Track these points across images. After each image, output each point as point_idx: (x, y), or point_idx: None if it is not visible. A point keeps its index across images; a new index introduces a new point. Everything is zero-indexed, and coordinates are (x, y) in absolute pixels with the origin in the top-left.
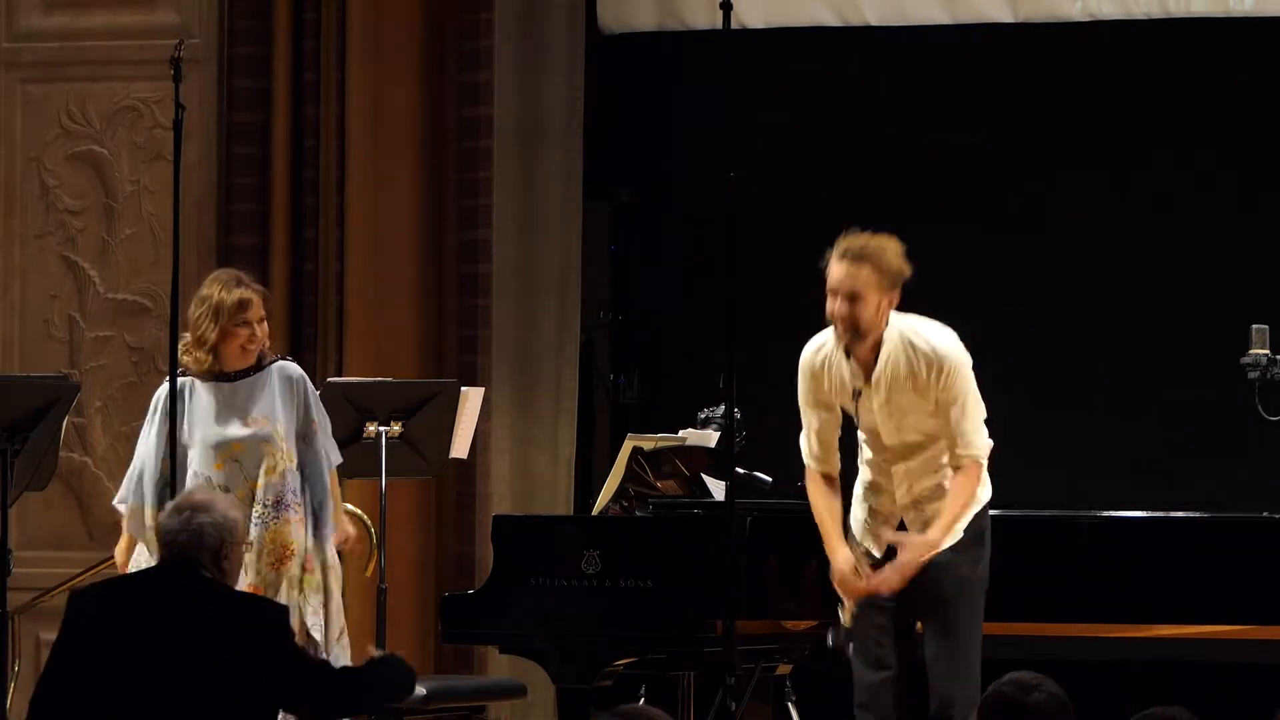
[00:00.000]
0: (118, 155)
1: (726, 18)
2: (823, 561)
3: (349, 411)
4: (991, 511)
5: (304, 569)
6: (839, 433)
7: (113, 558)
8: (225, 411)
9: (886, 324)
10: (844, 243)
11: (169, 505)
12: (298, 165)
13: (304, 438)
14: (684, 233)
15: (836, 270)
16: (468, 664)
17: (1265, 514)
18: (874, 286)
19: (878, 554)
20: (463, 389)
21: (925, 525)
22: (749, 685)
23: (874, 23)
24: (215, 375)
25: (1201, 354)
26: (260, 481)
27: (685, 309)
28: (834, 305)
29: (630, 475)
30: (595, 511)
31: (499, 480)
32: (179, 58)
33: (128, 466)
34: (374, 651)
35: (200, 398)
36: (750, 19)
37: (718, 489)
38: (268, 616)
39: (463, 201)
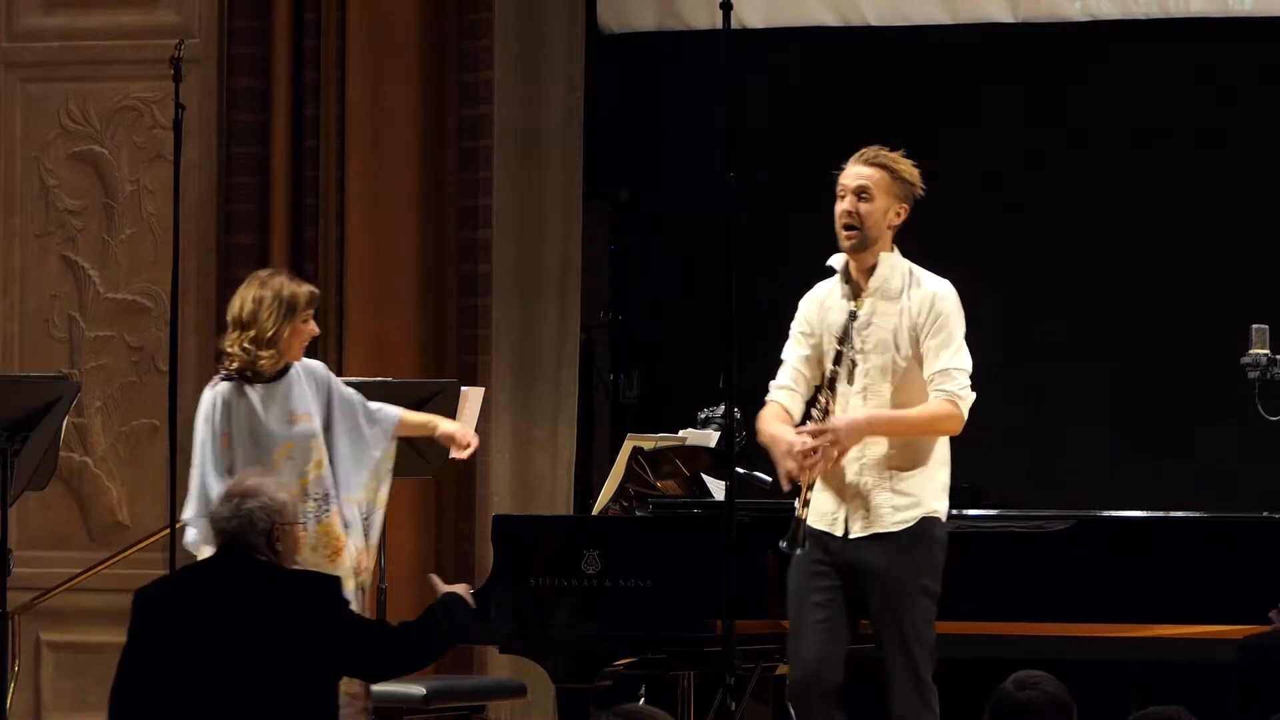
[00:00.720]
0: (118, 155)
1: (726, 18)
2: None
3: None
4: (992, 511)
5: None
6: (814, 380)
7: (112, 558)
8: (275, 411)
9: (891, 248)
10: (860, 152)
11: (218, 495)
12: (298, 165)
13: (364, 415)
14: (684, 233)
15: (849, 171)
16: (468, 664)
17: (1265, 514)
18: (884, 189)
19: (837, 533)
20: (463, 389)
21: (869, 512)
22: (749, 685)
23: (874, 23)
24: (256, 377)
25: (1201, 354)
26: (310, 476)
27: (685, 309)
28: (842, 205)
29: (630, 475)
30: (595, 511)
31: (499, 480)
32: (179, 58)
33: (128, 467)
34: (438, 583)
35: (249, 399)
36: (750, 19)
37: (718, 489)
38: (321, 591)
39: (463, 201)
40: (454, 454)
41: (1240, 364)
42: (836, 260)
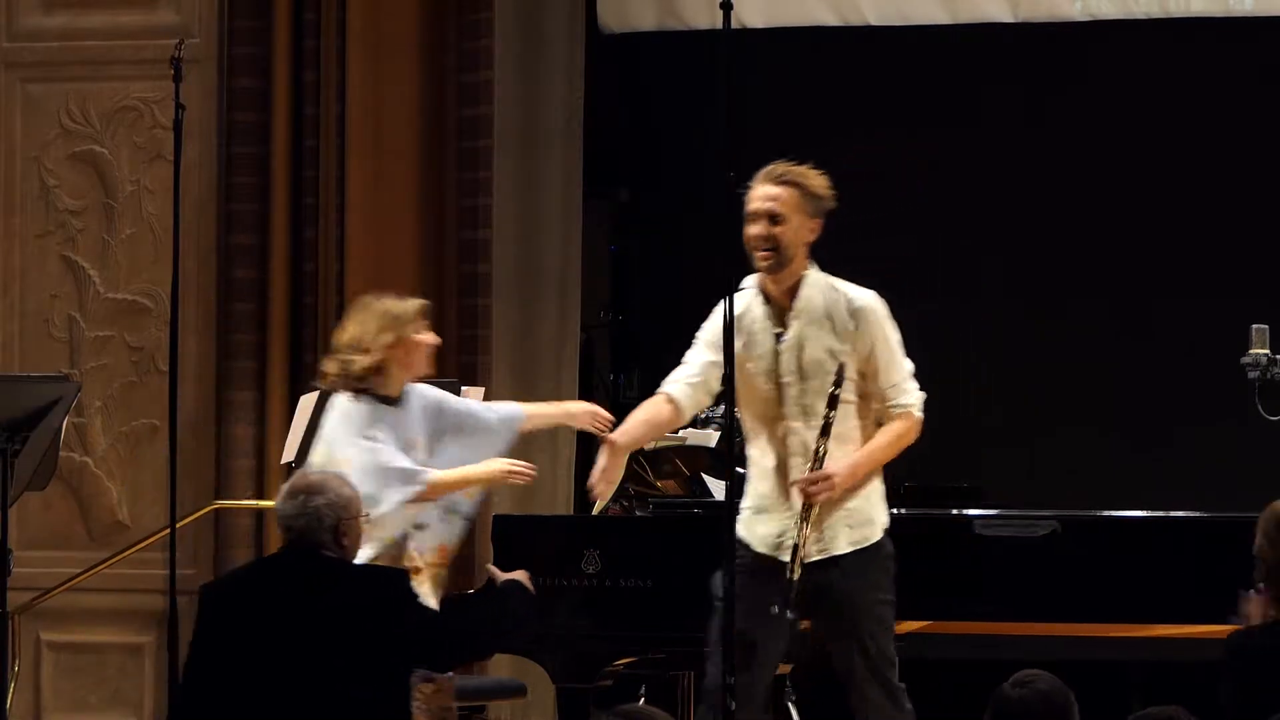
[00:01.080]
0: (118, 155)
1: (726, 18)
2: None
3: None
4: (991, 511)
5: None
6: (713, 385)
7: (112, 558)
8: (396, 439)
9: (808, 265)
10: (766, 169)
11: (284, 489)
12: (298, 165)
13: (480, 417)
14: (684, 233)
15: (758, 193)
16: (468, 664)
17: None
18: (796, 208)
19: (784, 559)
20: (463, 389)
21: (821, 535)
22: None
23: (874, 23)
24: (371, 396)
25: (1201, 354)
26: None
27: (685, 309)
28: (753, 229)
29: (630, 475)
30: (595, 511)
31: None
32: (179, 58)
33: (128, 467)
34: (495, 573)
35: (378, 425)
36: (750, 19)
37: (718, 489)
38: (389, 585)
39: (463, 201)
40: (513, 480)
41: (1240, 364)
42: (750, 280)
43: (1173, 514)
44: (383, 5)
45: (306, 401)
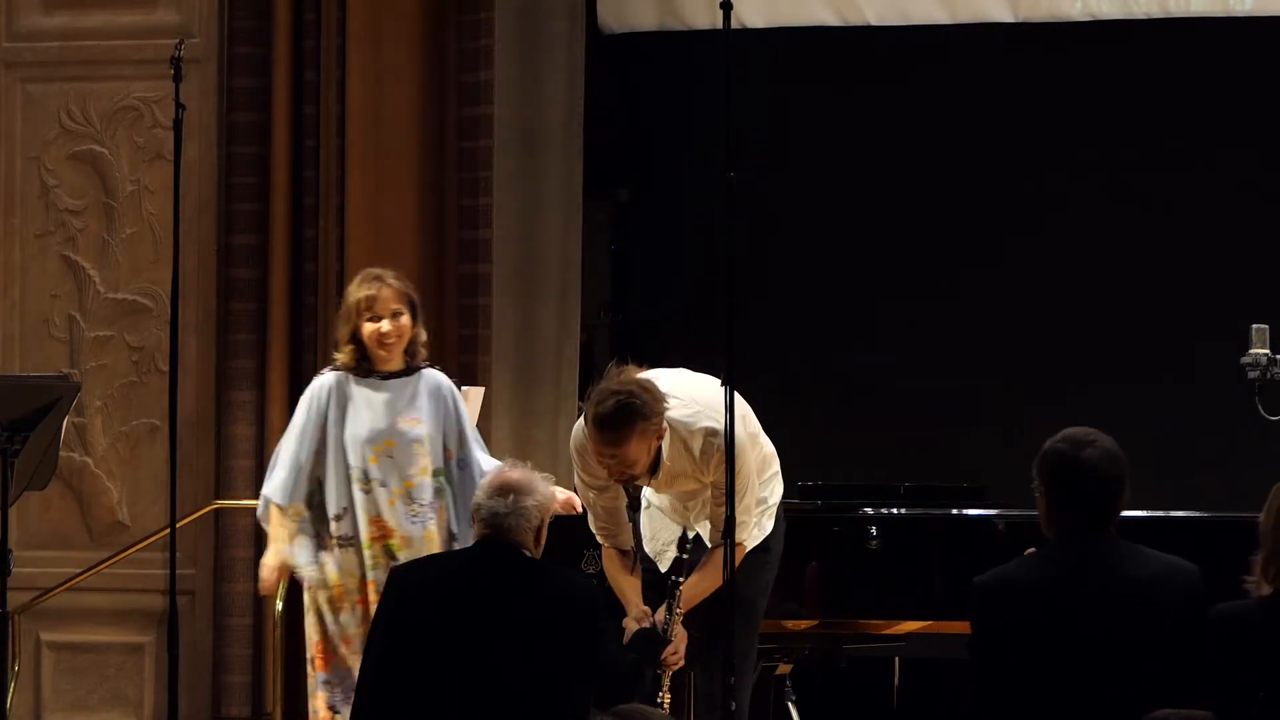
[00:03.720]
0: (118, 155)
1: (726, 18)
2: (822, 562)
3: None
4: (990, 512)
5: None
6: (625, 501)
7: (112, 558)
8: (379, 408)
9: (662, 432)
10: (596, 409)
11: (487, 484)
12: (298, 165)
13: (457, 450)
14: (684, 233)
15: (598, 441)
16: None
17: None
18: (641, 447)
19: (662, 569)
20: (463, 389)
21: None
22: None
23: (874, 23)
24: (368, 373)
25: (1201, 354)
26: (415, 480)
27: (685, 309)
28: (603, 465)
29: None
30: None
31: None
32: (179, 57)
33: (128, 467)
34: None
35: (354, 393)
36: (750, 19)
37: None
38: (587, 596)
39: (463, 201)
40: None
41: (1240, 364)
42: None
43: (1173, 514)
44: (383, 5)
45: None
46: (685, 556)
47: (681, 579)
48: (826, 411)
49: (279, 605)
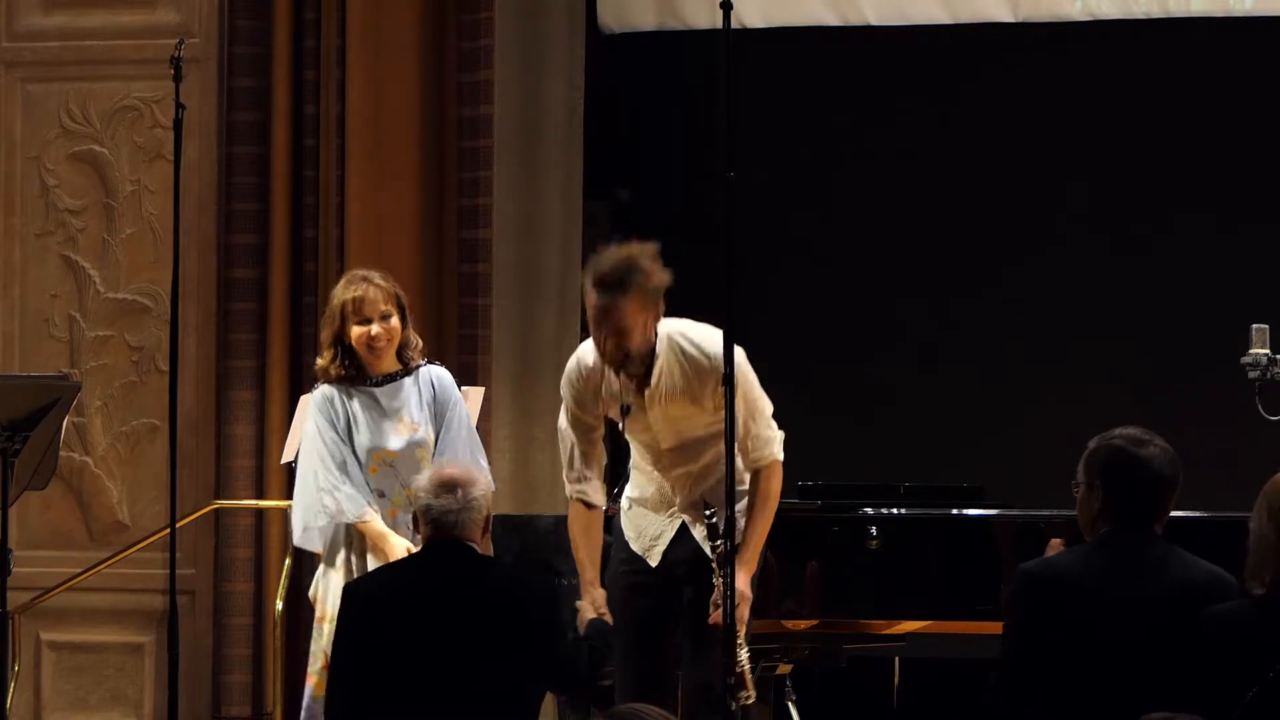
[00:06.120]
0: (118, 155)
1: (726, 18)
2: (822, 562)
3: None
4: (990, 512)
5: None
6: (605, 458)
7: (112, 558)
8: (376, 417)
9: (656, 333)
10: (596, 268)
11: (429, 481)
12: (298, 165)
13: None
14: (684, 233)
15: (595, 302)
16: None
17: None
18: (638, 312)
19: (652, 564)
20: (463, 389)
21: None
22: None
23: (874, 23)
24: (357, 381)
25: (1201, 354)
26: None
27: (685, 309)
28: (599, 337)
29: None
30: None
31: (499, 480)
32: (179, 57)
33: (128, 467)
34: (585, 609)
35: (350, 403)
36: (750, 19)
37: None
38: (543, 590)
39: (463, 201)
40: None
41: (1240, 364)
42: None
43: (1172, 514)
44: (383, 5)
45: (307, 401)
46: (718, 545)
47: (716, 564)
48: (826, 412)
49: (279, 605)
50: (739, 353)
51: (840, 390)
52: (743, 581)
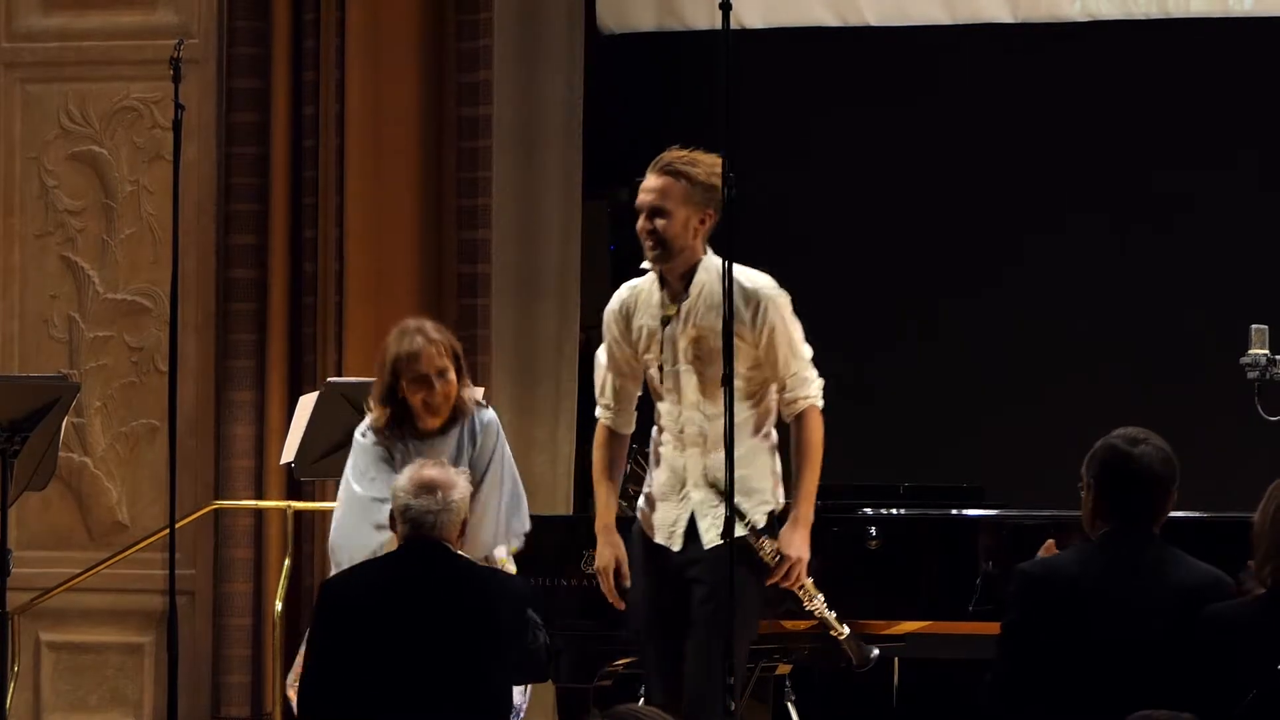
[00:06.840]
0: (117, 155)
1: (726, 18)
2: (823, 562)
3: (348, 411)
4: (989, 512)
5: None
6: (639, 390)
7: (111, 559)
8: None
9: (704, 252)
10: (657, 159)
11: (409, 482)
12: (298, 165)
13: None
14: None
15: (646, 183)
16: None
17: None
18: (682, 200)
19: (675, 549)
20: None
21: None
22: (749, 685)
23: (874, 23)
24: (406, 435)
25: (1201, 354)
26: None
27: None
28: (640, 221)
29: (630, 475)
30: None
31: None
32: (179, 58)
33: (128, 467)
34: None
35: (393, 453)
36: (750, 19)
37: None
38: (516, 589)
39: (462, 201)
40: None
41: (1240, 364)
42: (647, 265)
43: (1172, 514)
44: (382, 5)
45: (306, 401)
46: (761, 532)
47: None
48: (826, 411)
49: (278, 606)
50: (778, 291)
51: (840, 390)
52: (797, 543)
